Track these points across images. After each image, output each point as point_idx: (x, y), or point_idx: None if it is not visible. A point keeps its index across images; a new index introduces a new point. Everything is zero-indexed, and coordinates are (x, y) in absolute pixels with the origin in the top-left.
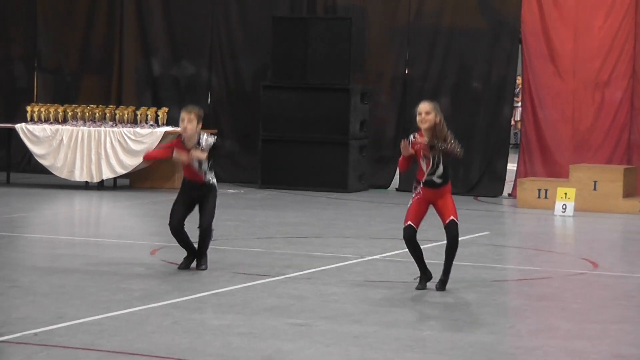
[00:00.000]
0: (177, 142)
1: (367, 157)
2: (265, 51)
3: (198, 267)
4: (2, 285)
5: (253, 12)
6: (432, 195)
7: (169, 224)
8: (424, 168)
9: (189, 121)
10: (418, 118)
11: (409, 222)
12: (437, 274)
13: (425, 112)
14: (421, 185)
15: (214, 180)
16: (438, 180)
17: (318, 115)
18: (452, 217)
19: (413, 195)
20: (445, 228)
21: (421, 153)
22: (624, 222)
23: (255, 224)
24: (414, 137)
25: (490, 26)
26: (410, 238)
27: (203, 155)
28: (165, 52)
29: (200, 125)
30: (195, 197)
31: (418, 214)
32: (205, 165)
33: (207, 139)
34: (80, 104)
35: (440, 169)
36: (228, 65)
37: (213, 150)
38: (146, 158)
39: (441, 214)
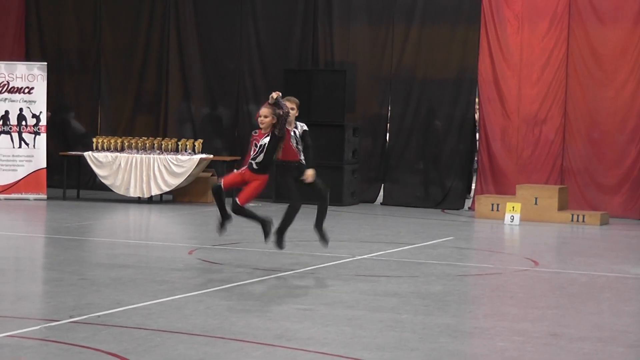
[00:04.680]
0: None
1: (357, 178)
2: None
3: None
4: (73, 278)
5: (270, 65)
6: (248, 176)
7: (293, 204)
8: (251, 153)
9: (291, 109)
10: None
11: (221, 181)
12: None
13: (264, 115)
14: (245, 166)
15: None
16: (255, 166)
17: (319, 146)
18: (236, 198)
19: (240, 169)
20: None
21: (253, 143)
22: (558, 229)
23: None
24: (255, 132)
25: (453, 76)
26: (216, 191)
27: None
28: (201, 96)
29: (297, 112)
30: (296, 177)
31: (232, 180)
32: (300, 146)
33: (302, 125)
34: (135, 137)
35: (260, 158)
36: (251, 106)
37: (304, 136)
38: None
39: (240, 191)
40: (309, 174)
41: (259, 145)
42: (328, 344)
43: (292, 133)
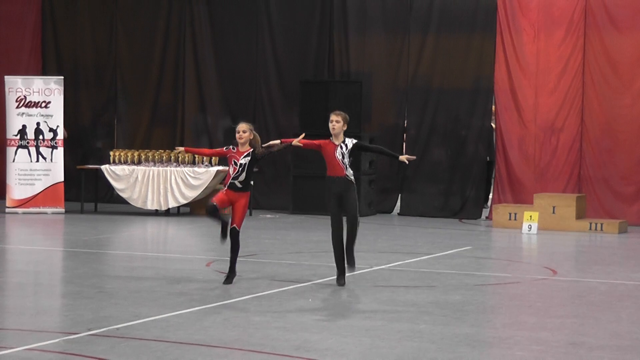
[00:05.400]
0: (328, 142)
1: (374, 189)
2: (295, 106)
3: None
4: (91, 291)
5: (286, 76)
6: (232, 196)
7: (334, 236)
8: (231, 173)
9: (337, 122)
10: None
11: (214, 202)
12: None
13: (243, 130)
14: (226, 187)
15: (353, 178)
16: (239, 185)
17: None
18: (234, 225)
19: (223, 190)
20: (229, 232)
21: (232, 161)
22: (576, 238)
23: (288, 242)
24: (233, 148)
25: (470, 86)
26: (213, 210)
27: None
28: (217, 108)
29: (346, 127)
30: (337, 192)
31: (221, 199)
32: (346, 160)
33: (352, 140)
34: (151, 149)
35: (242, 177)
36: (268, 117)
37: (356, 149)
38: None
39: (232, 217)
40: (406, 158)
41: (239, 164)
42: (347, 355)
43: (339, 148)
